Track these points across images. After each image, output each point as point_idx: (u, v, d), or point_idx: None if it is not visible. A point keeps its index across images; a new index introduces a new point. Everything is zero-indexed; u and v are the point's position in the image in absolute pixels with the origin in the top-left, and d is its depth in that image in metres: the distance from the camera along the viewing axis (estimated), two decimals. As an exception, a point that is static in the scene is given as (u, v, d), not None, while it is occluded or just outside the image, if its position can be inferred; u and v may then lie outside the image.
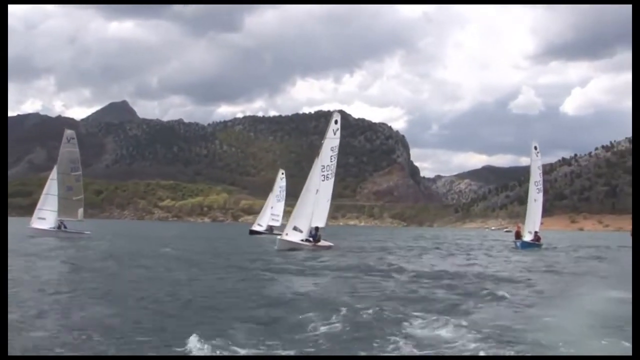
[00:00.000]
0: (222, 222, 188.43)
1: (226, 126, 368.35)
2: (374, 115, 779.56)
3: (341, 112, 36.48)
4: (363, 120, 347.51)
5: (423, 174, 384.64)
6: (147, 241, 35.87)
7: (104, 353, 6.48)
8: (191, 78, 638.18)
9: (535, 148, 36.75)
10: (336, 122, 28.93)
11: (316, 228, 27.95)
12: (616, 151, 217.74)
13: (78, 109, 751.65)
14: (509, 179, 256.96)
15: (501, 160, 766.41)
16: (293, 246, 26.00)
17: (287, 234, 26.92)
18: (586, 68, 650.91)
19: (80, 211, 36.51)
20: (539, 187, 36.44)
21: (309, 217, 26.99)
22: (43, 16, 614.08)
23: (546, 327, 8.24)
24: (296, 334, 7.47)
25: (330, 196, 28.89)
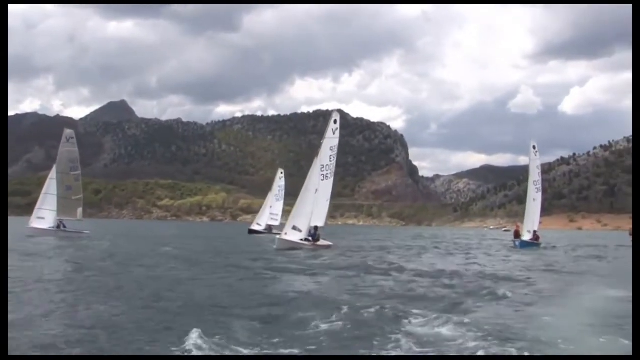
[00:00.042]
0: (221, 222, 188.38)
1: (225, 126, 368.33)
2: (373, 114, 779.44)
3: (340, 112, 36.36)
4: (362, 119, 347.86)
5: (422, 174, 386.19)
6: (147, 241, 35.86)
7: (108, 352, 6.51)
8: (190, 77, 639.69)
9: (534, 147, 36.77)
10: (335, 122, 28.92)
11: (315, 227, 27.93)
12: (615, 150, 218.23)
13: (77, 109, 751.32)
14: (508, 179, 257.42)
15: (500, 159, 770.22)
16: (292, 245, 25.99)
17: (287, 234, 26.91)
18: (585, 67, 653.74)
19: (79, 211, 36.51)
20: (538, 187, 36.46)
21: (309, 217, 27.00)
22: (42, 16, 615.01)
23: (546, 326, 8.29)
24: (297, 332, 7.51)
25: (329, 196, 28.83)
